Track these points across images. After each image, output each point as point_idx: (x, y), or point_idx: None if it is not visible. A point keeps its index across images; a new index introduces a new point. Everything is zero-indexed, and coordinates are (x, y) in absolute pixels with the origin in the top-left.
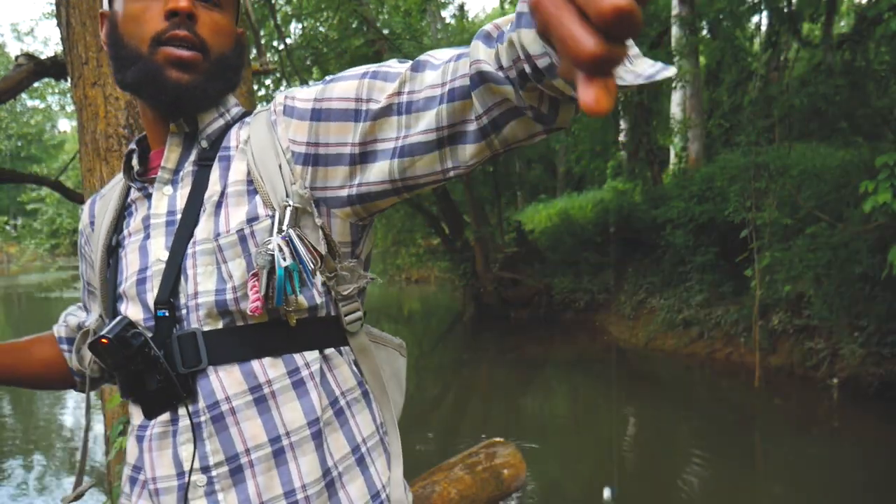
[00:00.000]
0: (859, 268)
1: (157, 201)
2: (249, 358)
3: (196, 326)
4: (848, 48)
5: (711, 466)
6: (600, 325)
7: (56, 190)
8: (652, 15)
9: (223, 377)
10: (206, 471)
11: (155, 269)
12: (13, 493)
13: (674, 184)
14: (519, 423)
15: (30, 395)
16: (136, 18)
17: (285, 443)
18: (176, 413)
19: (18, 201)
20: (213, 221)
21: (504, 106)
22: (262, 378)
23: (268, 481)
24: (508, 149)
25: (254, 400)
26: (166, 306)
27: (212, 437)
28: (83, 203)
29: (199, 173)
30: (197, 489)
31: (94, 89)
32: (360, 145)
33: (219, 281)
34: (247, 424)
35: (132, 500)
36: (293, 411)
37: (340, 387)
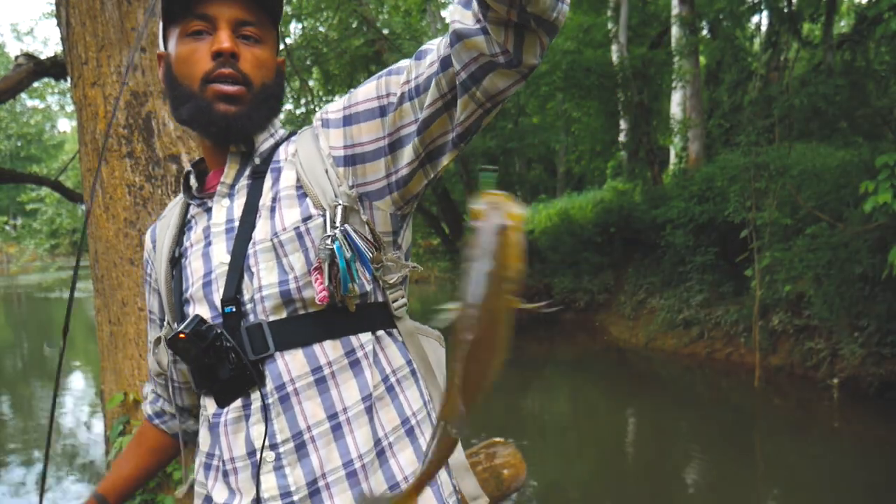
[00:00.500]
0: (859, 268)
1: (217, 212)
2: (311, 342)
3: (262, 318)
4: (848, 48)
5: (711, 466)
6: (600, 325)
7: (56, 190)
8: (652, 15)
9: (289, 361)
10: (274, 448)
11: (219, 271)
12: (13, 493)
13: (674, 184)
14: (519, 423)
15: (30, 395)
16: (186, 60)
17: (342, 418)
18: (248, 398)
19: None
20: (269, 223)
21: (480, 61)
22: (322, 360)
23: (328, 454)
24: (493, 102)
25: (315, 381)
26: (233, 303)
27: (279, 417)
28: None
29: (254, 185)
30: (267, 465)
31: (94, 89)
32: (389, 136)
33: (281, 273)
34: (308, 403)
35: (208, 485)
36: (350, 389)
37: (391, 365)
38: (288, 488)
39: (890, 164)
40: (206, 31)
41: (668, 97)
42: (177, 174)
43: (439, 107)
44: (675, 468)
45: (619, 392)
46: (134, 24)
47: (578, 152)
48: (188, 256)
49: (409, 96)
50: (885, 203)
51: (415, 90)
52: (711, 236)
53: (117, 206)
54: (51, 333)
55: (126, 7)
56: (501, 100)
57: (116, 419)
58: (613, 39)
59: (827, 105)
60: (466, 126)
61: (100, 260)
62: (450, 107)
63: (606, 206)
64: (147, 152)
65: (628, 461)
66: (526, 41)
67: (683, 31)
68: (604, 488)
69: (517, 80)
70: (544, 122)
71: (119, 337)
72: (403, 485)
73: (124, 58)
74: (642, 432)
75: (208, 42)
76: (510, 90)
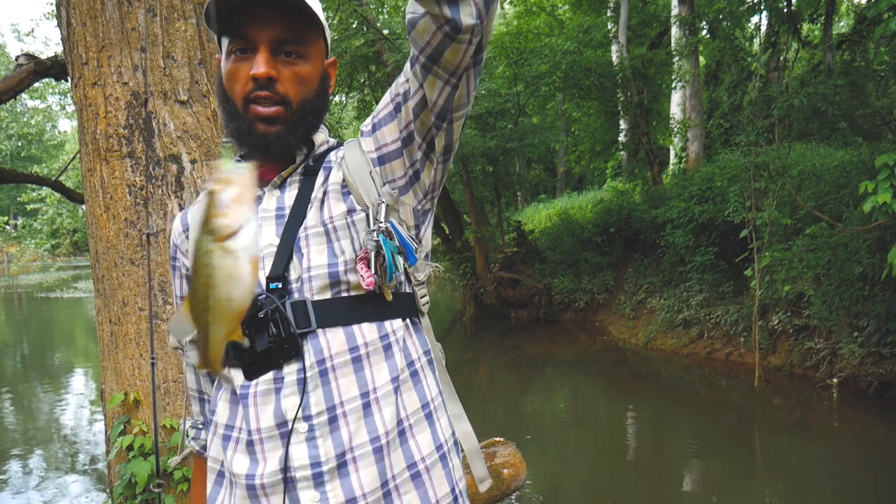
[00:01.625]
0: (859, 268)
1: (268, 201)
2: (351, 323)
3: (307, 296)
4: (847, 48)
5: (711, 466)
6: (600, 325)
7: (56, 190)
8: (652, 15)
9: (330, 338)
10: (308, 419)
11: (267, 251)
12: (13, 492)
13: (674, 184)
14: (519, 422)
15: (30, 394)
16: (232, 78)
17: (372, 396)
18: (280, 371)
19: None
20: (319, 212)
21: (432, 42)
22: (360, 340)
23: (357, 429)
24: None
25: (352, 359)
26: (279, 280)
27: (316, 390)
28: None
29: (305, 181)
30: (299, 435)
31: (94, 89)
32: (401, 132)
33: (330, 256)
34: (343, 380)
35: (227, 457)
36: (381, 370)
37: (416, 352)
38: (318, 458)
39: (889, 164)
40: (249, 49)
41: (667, 97)
42: (177, 174)
43: (420, 97)
44: (675, 468)
45: (619, 392)
46: (134, 25)
47: (578, 152)
48: None
49: (405, 96)
50: (885, 203)
51: (405, 92)
52: (711, 236)
53: (117, 206)
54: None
55: (126, 7)
56: (461, 73)
57: (117, 419)
58: (613, 39)
59: (826, 105)
60: (441, 105)
61: (100, 260)
62: (423, 88)
63: (606, 206)
64: (147, 152)
65: (628, 461)
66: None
67: (683, 31)
68: (603, 488)
69: (465, 47)
70: (544, 122)
71: (119, 337)
72: (421, 465)
73: (124, 58)
74: (642, 432)
75: (250, 62)
76: (464, 60)
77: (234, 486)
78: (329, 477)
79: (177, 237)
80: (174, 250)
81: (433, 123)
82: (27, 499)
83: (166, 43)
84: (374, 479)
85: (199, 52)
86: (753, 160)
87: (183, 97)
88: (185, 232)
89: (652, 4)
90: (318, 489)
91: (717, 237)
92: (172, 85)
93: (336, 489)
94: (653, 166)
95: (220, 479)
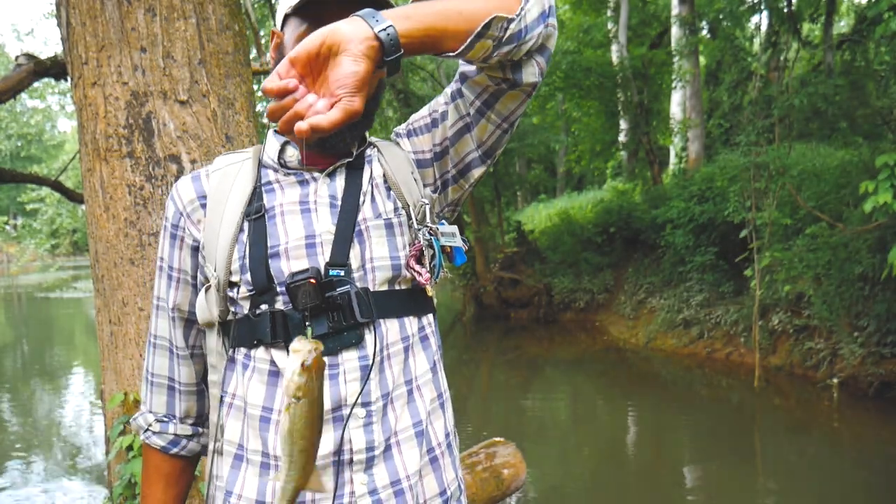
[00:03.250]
0: (859, 268)
1: (320, 187)
2: (403, 315)
3: (370, 286)
4: (848, 48)
5: (711, 466)
6: (600, 325)
7: (56, 190)
8: (652, 15)
9: (389, 328)
10: (366, 405)
11: (325, 237)
12: (13, 492)
13: (674, 184)
14: (519, 423)
15: (30, 394)
16: None
17: (415, 384)
18: (336, 358)
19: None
20: (372, 206)
21: (488, 90)
22: (409, 331)
23: (402, 414)
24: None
25: (403, 348)
26: (341, 267)
27: (376, 378)
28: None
29: (351, 172)
30: (357, 420)
31: (94, 89)
32: (436, 146)
33: (392, 249)
34: (396, 368)
35: (267, 438)
36: (421, 360)
37: (437, 343)
38: (373, 443)
39: (890, 164)
40: None
41: (668, 97)
42: (177, 174)
43: (460, 126)
44: (675, 468)
45: (619, 392)
46: (134, 25)
47: (578, 152)
48: (275, 216)
49: (443, 116)
50: (885, 203)
51: (444, 113)
52: (711, 236)
53: (117, 206)
54: (51, 334)
55: (126, 7)
56: (515, 119)
57: (117, 419)
58: (613, 39)
59: (827, 105)
60: (489, 145)
61: (100, 260)
62: (470, 127)
63: (606, 206)
64: (147, 152)
65: (628, 461)
66: (523, 68)
67: (683, 31)
68: (604, 488)
69: (524, 98)
70: (544, 122)
71: (119, 337)
72: (437, 451)
73: (124, 58)
74: (642, 432)
75: None
76: (520, 109)
77: (275, 468)
78: (377, 461)
79: (186, 204)
80: (177, 217)
81: (477, 158)
82: (27, 499)
83: (166, 43)
84: (416, 462)
85: (199, 52)
86: (753, 160)
87: (183, 97)
88: (200, 200)
89: (652, 4)
90: (367, 472)
91: (717, 237)
92: (172, 85)
93: (382, 472)
94: (653, 166)
95: (237, 463)
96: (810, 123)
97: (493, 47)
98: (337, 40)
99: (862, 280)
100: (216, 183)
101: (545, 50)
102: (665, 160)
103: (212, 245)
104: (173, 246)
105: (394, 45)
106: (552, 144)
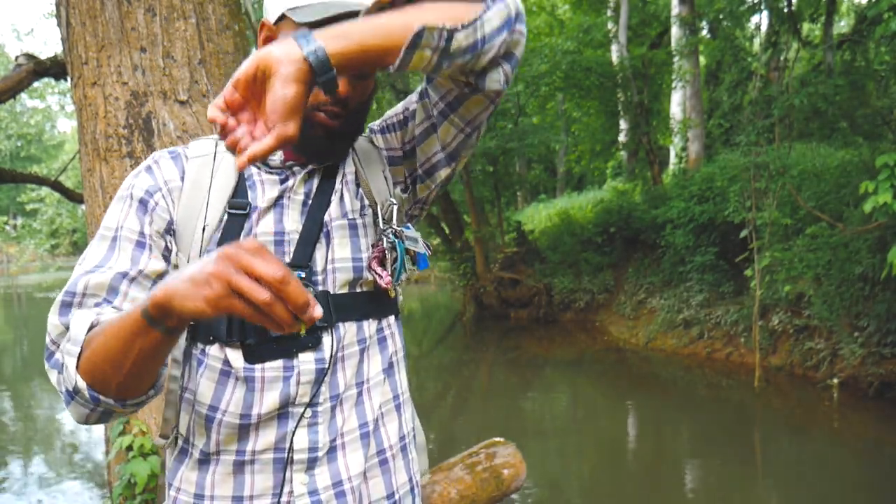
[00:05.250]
0: (859, 268)
1: (298, 183)
2: (362, 318)
3: (330, 288)
4: (848, 48)
5: (711, 466)
6: (600, 325)
7: (56, 190)
8: (652, 15)
9: (345, 331)
10: (313, 406)
11: (292, 236)
12: (13, 492)
13: (674, 184)
14: (519, 423)
15: (30, 394)
16: None
17: (365, 387)
18: (291, 360)
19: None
20: (340, 205)
21: (452, 93)
22: (366, 333)
23: (349, 416)
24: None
25: (359, 350)
26: (303, 269)
27: (328, 380)
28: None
29: (327, 168)
30: (302, 420)
31: (94, 89)
32: (405, 144)
33: (354, 250)
34: (349, 371)
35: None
36: (375, 362)
37: (396, 345)
38: (316, 444)
39: (890, 164)
40: None
41: (668, 97)
42: None
43: (427, 126)
44: (675, 468)
45: (619, 392)
46: (134, 25)
47: (578, 152)
48: (256, 211)
49: (413, 115)
50: (885, 203)
51: (413, 112)
52: (711, 236)
53: None
54: None
55: (126, 7)
56: (479, 123)
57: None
58: (613, 39)
59: (827, 105)
60: (453, 147)
61: None
62: (435, 128)
63: (606, 206)
64: (147, 152)
65: (628, 461)
66: (487, 74)
67: (683, 31)
68: (604, 488)
69: (488, 104)
70: (544, 122)
71: None
72: (388, 453)
73: (124, 58)
74: (642, 432)
75: None
76: (484, 114)
77: (216, 463)
78: (321, 462)
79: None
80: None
81: (443, 159)
82: (27, 498)
83: (166, 43)
84: (360, 464)
85: (198, 52)
86: (754, 160)
87: (182, 97)
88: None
89: (652, 4)
90: (308, 473)
91: (717, 237)
92: (172, 85)
93: (324, 473)
94: (653, 166)
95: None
96: (810, 123)
97: (440, 58)
98: (269, 63)
99: (862, 280)
100: (196, 169)
101: (511, 57)
102: (665, 160)
103: (186, 233)
104: (144, 213)
105: (323, 67)
106: (552, 144)
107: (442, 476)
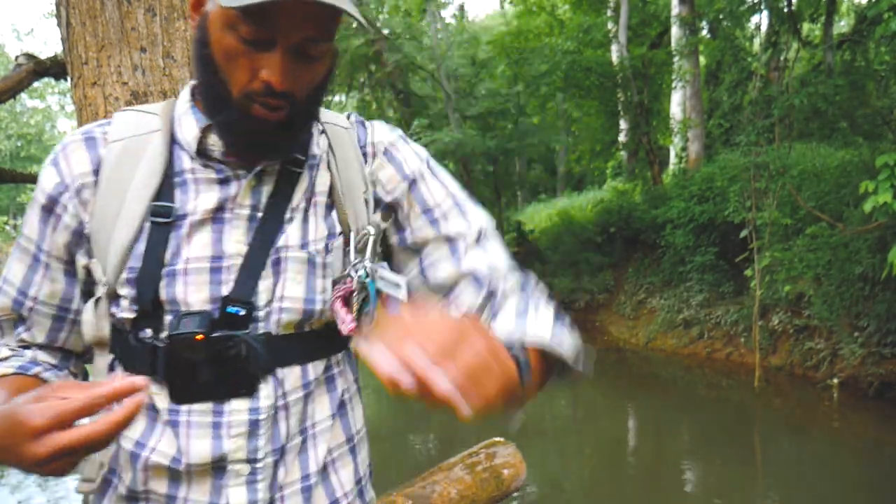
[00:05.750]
0: (859, 268)
1: (244, 191)
2: (307, 361)
3: (273, 329)
4: (848, 48)
5: (711, 466)
6: (600, 325)
7: None
8: (652, 15)
9: (287, 376)
10: (252, 462)
11: (232, 262)
12: (13, 492)
13: (674, 184)
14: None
15: None
16: (233, 59)
17: (310, 433)
18: (221, 405)
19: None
20: (301, 229)
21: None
22: (311, 377)
23: (292, 467)
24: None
25: (303, 396)
26: (244, 305)
27: (267, 432)
28: None
29: (285, 175)
30: (239, 477)
31: (94, 89)
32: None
33: (308, 290)
34: (293, 419)
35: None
36: (322, 404)
37: (348, 382)
38: (255, 502)
39: (890, 164)
40: (264, 41)
41: (668, 97)
42: None
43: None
44: (675, 468)
45: (619, 392)
46: (134, 25)
47: (578, 152)
48: (183, 224)
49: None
50: (885, 203)
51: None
52: (711, 236)
53: None
54: None
55: (126, 7)
56: None
57: None
58: (613, 39)
59: (827, 105)
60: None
61: None
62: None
63: (606, 206)
64: None
65: (628, 461)
66: None
67: (683, 31)
68: (604, 488)
69: None
70: (544, 122)
71: None
72: (343, 501)
73: (124, 58)
74: (642, 432)
75: (261, 55)
76: None
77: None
78: None
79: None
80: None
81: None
82: (27, 499)
83: (166, 43)
84: None
85: None
86: (754, 160)
87: None
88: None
89: (652, 4)
90: None
91: (717, 237)
92: (172, 85)
93: None
94: (653, 166)
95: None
96: (810, 123)
97: None
98: None
99: (862, 280)
100: (116, 156)
101: None
102: (665, 160)
103: (103, 240)
104: (45, 223)
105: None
106: (552, 144)
107: (442, 476)
